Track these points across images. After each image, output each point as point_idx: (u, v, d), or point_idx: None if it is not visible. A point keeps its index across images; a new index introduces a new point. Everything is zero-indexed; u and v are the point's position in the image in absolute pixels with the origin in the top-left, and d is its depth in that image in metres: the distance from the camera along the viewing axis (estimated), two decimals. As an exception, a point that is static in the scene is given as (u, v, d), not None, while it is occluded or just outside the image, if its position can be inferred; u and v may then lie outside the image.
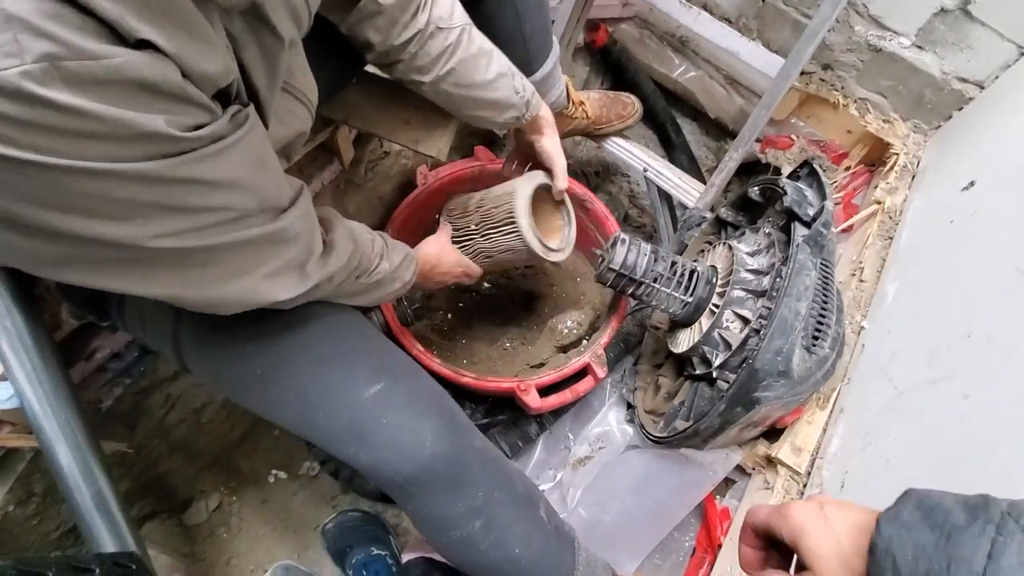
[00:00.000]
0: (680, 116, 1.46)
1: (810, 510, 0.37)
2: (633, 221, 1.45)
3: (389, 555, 0.96)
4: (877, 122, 1.21)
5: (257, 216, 0.43)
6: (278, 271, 0.47)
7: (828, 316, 0.77)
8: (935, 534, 0.31)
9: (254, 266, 0.45)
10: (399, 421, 0.56)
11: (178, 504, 1.05)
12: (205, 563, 1.01)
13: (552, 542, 0.66)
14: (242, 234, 0.42)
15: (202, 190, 0.37)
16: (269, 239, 0.45)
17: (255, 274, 0.46)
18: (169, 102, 0.33)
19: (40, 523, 0.80)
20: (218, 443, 1.08)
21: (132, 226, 0.36)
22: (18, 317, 0.65)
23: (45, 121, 0.29)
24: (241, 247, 0.43)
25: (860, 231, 1.14)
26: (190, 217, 0.38)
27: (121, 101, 0.31)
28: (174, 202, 0.37)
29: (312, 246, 0.51)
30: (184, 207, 0.37)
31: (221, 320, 0.56)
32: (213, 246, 0.41)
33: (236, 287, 0.45)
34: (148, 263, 0.40)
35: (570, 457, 1.02)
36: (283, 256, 0.47)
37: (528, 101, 0.78)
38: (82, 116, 0.30)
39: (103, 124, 0.31)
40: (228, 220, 0.41)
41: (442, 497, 0.59)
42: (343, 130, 0.85)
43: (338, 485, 1.06)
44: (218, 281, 0.44)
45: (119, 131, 0.31)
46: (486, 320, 1.14)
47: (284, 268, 0.48)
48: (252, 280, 0.46)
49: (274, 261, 0.47)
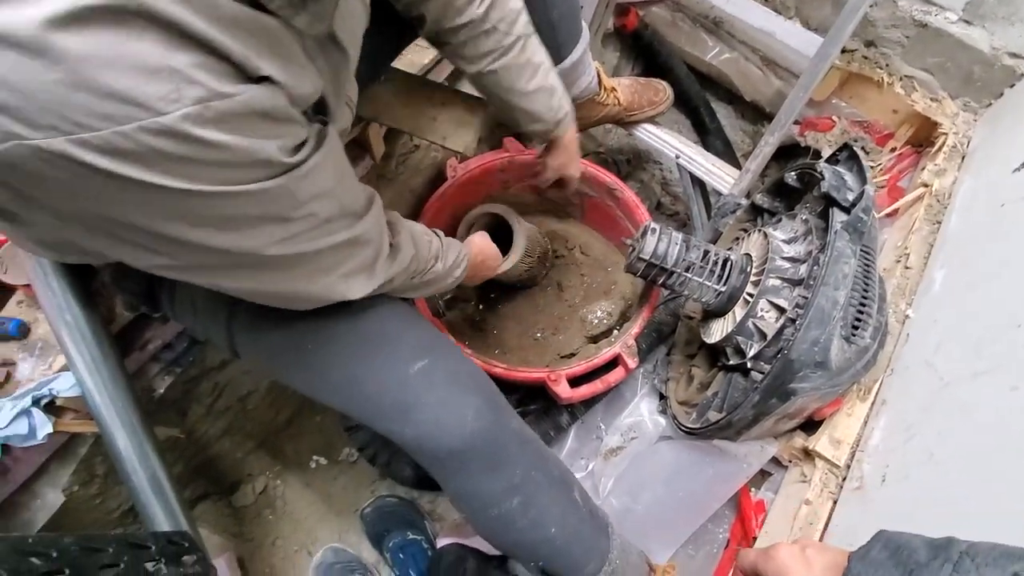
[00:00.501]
0: (715, 100, 1.42)
1: (793, 553, 0.42)
2: (666, 209, 1.42)
3: (424, 539, 0.99)
4: (924, 101, 1.15)
5: (339, 221, 0.47)
6: (352, 272, 0.52)
7: (869, 305, 0.75)
8: (899, 571, 0.35)
9: (333, 267, 0.50)
10: (442, 397, 0.58)
11: (227, 487, 1.11)
12: (253, 543, 1.07)
13: (587, 525, 0.66)
14: (328, 240, 0.47)
15: (298, 203, 0.42)
16: (349, 243, 0.49)
17: (333, 275, 0.51)
18: (280, 126, 0.38)
19: (102, 502, 0.85)
20: (263, 429, 1.13)
21: (244, 237, 0.41)
22: (77, 311, 0.70)
23: (194, 155, 0.34)
24: (325, 251, 0.48)
25: (906, 216, 1.09)
26: (287, 227, 0.43)
27: (248, 131, 0.36)
28: (277, 214, 0.42)
29: (381, 248, 0.56)
30: (285, 218, 0.42)
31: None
32: (303, 252, 0.46)
33: (317, 286, 0.51)
34: (253, 267, 0.45)
35: (602, 447, 1.03)
36: (358, 258, 0.52)
37: (559, 121, 0.81)
38: (219, 148, 0.35)
39: (233, 154, 0.35)
40: (316, 227, 0.45)
41: (481, 474, 0.60)
42: (374, 126, 0.87)
43: (376, 471, 1.10)
44: (302, 281, 0.49)
45: (244, 158, 0.36)
46: (517, 311, 1.15)
47: (357, 269, 0.53)
48: (330, 280, 0.51)
49: (350, 262, 0.52)
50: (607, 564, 0.66)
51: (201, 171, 0.35)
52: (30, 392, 0.67)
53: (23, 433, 0.66)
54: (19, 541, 0.39)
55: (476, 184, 1.08)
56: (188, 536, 0.59)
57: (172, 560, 0.53)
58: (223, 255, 0.42)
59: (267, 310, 0.60)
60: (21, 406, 0.66)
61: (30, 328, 0.73)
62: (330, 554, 0.99)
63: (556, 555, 0.64)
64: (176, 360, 0.85)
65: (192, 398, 0.95)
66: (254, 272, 0.46)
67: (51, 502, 0.75)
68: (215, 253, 0.42)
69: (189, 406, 0.95)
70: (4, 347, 0.71)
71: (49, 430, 0.68)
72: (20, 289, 0.73)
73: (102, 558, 0.44)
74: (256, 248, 0.42)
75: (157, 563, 0.50)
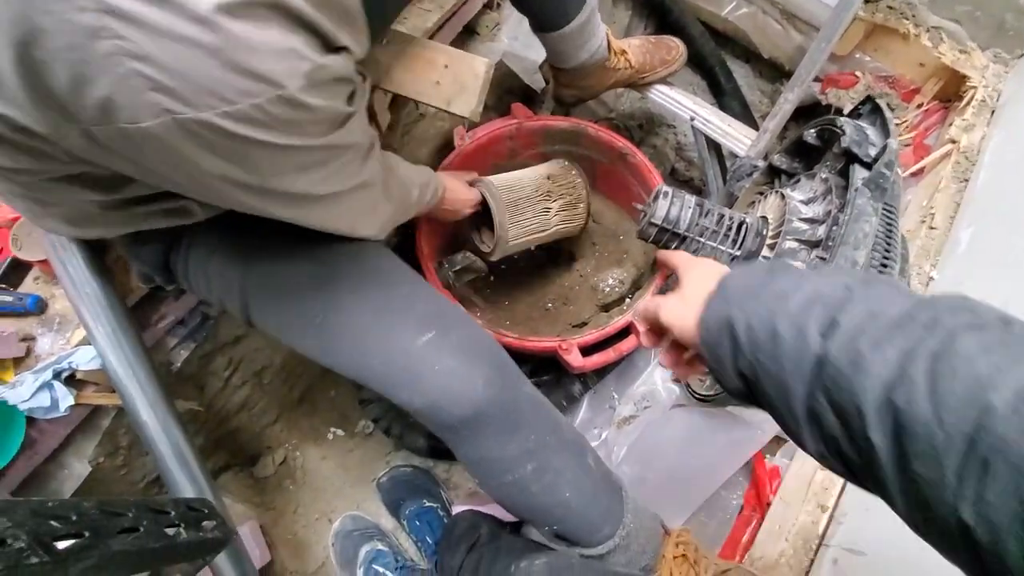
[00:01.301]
0: (731, 59, 1.37)
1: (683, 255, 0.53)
2: (680, 175, 1.39)
3: (440, 507, 1.01)
4: (952, 52, 1.09)
5: (359, 162, 0.51)
6: (362, 211, 0.58)
7: (890, 266, 0.72)
8: (767, 273, 0.40)
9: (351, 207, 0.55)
10: (451, 367, 0.58)
11: (248, 458, 1.14)
12: (275, 511, 1.10)
13: (601, 489, 0.67)
14: (352, 180, 0.52)
15: (344, 148, 0.47)
16: (362, 185, 0.53)
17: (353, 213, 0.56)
18: (349, 86, 0.44)
19: (128, 473, 0.88)
20: (280, 403, 1.15)
21: (306, 178, 0.46)
22: (95, 285, 0.71)
23: (298, 117, 0.40)
24: (347, 192, 0.52)
25: (932, 174, 1.04)
26: (327, 168, 0.48)
27: (330, 94, 0.41)
28: (324, 159, 0.46)
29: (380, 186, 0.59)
30: (325, 163, 0.47)
31: (284, 274, 0.61)
32: (340, 191, 0.51)
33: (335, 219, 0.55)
34: (303, 202, 0.50)
35: (615, 416, 1.02)
36: (367, 197, 0.56)
37: None
38: (314, 110, 0.40)
39: (321, 114, 0.41)
40: (347, 164, 0.49)
41: (494, 440, 0.61)
42: (378, 94, 0.85)
43: (391, 442, 1.11)
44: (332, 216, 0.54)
45: (326, 117, 0.42)
46: (528, 280, 1.14)
47: (366, 208, 0.58)
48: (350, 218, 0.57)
49: (363, 201, 0.56)
50: (621, 527, 0.66)
51: (298, 130, 0.41)
52: (50, 366, 0.69)
53: (46, 406, 0.68)
54: (39, 505, 0.40)
55: (484, 152, 1.06)
56: (207, 503, 0.60)
57: (192, 525, 0.54)
58: (280, 195, 0.47)
59: (277, 281, 0.61)
60: (42, 379, 0.68)
61: (47, 304, 0.74)
62: (349, 522, 1.02)
63: (570, 519, 0.65)
64: (190, 335, 0.86)
65: (208, 372, 0.96)
66: (300, 208, 0.50)
67: (78, 472, 0.77)
68: (276, 194, 0.46)
69: (206, 380, 0.97)
70: (23, 322, 0.72)
71: (71, 402, 0.70)
72: (36, 265, 0.74)
73: (122, 522, 0.45)
74: (307, 189, 0.47)
75: (177, 527, 0.51)
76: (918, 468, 0.27)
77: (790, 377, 0.34)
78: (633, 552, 0.67)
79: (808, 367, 0.33)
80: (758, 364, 0.37)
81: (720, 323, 0.40)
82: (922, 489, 0.27)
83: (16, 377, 0.68)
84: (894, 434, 0.29)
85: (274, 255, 0.61)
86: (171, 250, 0.66)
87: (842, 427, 0.32)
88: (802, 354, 0.34)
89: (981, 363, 0.27)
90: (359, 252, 0.63)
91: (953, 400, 0.27)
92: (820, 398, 0.33)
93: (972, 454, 0.25)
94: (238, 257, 0.62)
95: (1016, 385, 0.25)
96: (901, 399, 0.28)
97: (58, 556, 0.36)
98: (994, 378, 0.26)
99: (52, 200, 0.53)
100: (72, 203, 0.53)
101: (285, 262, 0.61)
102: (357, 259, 0.62)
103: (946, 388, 0.27)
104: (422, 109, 1.06)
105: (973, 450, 0.25)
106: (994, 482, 0.24)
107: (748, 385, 0.39)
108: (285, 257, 0.61)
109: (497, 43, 1.12)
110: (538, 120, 1.06)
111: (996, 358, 0.27)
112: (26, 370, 0.69)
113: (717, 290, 0.42)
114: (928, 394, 0.27)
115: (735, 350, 0.39)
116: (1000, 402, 0.25)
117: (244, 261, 0.62)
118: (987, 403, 0.25)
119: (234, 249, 0.62)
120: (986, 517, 0.25)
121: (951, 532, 0.26)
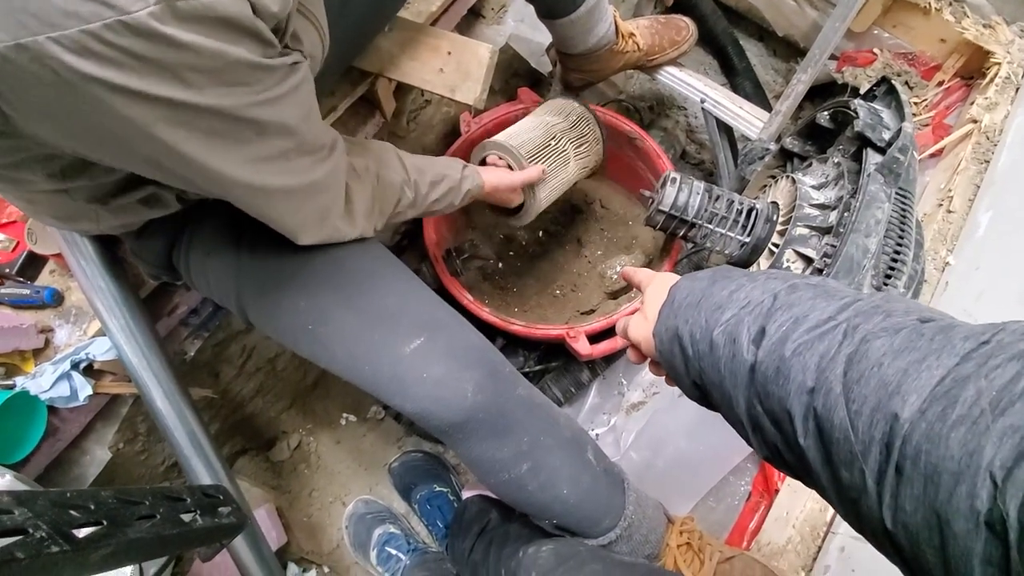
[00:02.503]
0: (744, 37, 1.33)
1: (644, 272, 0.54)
2: (691, 158, 1.36)
3: (450, 492, 1.02)
4: (976, 27, 1.05)
5: (299, 160, 0.47)
6: (307, 217, 0.53)
7: (904, 252, 0.71)
8: (709, 282, 0.41)
9: (292, 206, 0.51)
10: (439, 374, 0.58)
11: (263, 443, 1.16)
12: (290, 494, 1.12)
13: (601, 483, 0.67)
14: (288, 178, 0.47)
15: (262, 127, 0.42)
16: (309, 187, 0.49)
17: (293, 212, 0.52)
18: (245, 37, 0.37)
19: (147, 458, 0.91)
20: (293, 389, 1.17)
21: (210, 152, 0.41)
22: (108, 278, 0.72)
23: (164, 57, 0.34)
24: (283, 189, 0.48)
25: (951, 155, 1.01)
26: (248, 149, 0.43)
27: (214, 35, 0.35)
28: (240, 135, 0.41)
29: (337, 200, 0.55)
30: (247, 141, 0.42)
31: (274, 279, 0.60)
32: (267, 185, 0.46)
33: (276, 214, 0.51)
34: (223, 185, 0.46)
35: (624, 402, 1.03)
36: (313, 203, 0.52)
37: None
38: (188, 49, 0.34)
39: (202, 56, 0.35)
40: (277, 158, 0.45)
41: (488, 443, 0.61)
42: (383, 82, 0.85)
43: (402, 428, 1.13)
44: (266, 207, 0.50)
45: (213, 62, 0.36)
46: (536, 267, 1.13)
47: (312, 214, 0.53)
48: (289, 217, 0.52)
49: (308, 206, 0.52)
50: (623, 519, 0.67)
51: (171, 76, 0.35)
52: (68, 357, 0.70)
53: (65, 395, 0.70)
54: (58, 496, 0.41)
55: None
56: (223, 489, 0.62)
57: (207, 511, 0.56)
58: (192, 166, 0.42)
59: (268, 287, 0.61)
60: (61, 370, 0.69)
61: (64, 296, 0.76)
62: (362, 505, 1.04)
63: (569, 513, 0.65)
64: (203, 324, 0.87)
65: (222, 360, 0.98)
66: (225, 191, 0.47)
67: (99, 458, 0.80)
68: (186, 162, 0.41)
69: (220, 368, 0.99)
70: (41, 315, 0.74)
71: (89, 392, 0.71)
72: (51, 258, 0.76)
73: (139, 510, 0.47)
74: (221, 167, 0.42)
75: (193, 514, 0.52)
76: (843, 474, 0.27)
77: (731, 387, 0.35)
78: (636, 542, 0.68)
79: (744, 376, 0.34)
80: (704, 373, 0.38)
81: (670, 335, 0.41)
82: (850, 494, 0.27)
83: (36, 368, 0.70)
84: (820, 441, 0.29)
85: (265, 260, 0.61)
86: (172, 250, 0.66)
87: (778, 433, 0.32)
88: (738, 363, 0.34)
89: (889, 368, 0.26)
90: (351, 258, 0.62)
91: (866, 407, 0.26)
92: (756, 406, 0.33)
93: (887, 461, 0.25)
94: (232, 262, 0.62)
95: (921, 390, 0.25)
96: (820, 406, 0.29)
97: (78, 545, 0.37)
98: (901, 384, 0.26)
99: (34, 196, 0.53)
100: (49, 197, 0.53)
101: (275, 268, 0.61)
102: (348, 266, 0.61)
103: (859, 394, 0.27)
104: (427, 96, 1.06)
105: (888, 457, 0.25)
106: (909, 489, 0.24)
107: (703, 393, 0.40)
108: (275, 263, 0.60)
109: (503, 25, 1.10)
110: (545, 105, 1.04)
111: (903, 362, 0.26)
112: (45, 361, 0.71)
113: (666, 303, 0.43)
114: (845, 401, 0.27)
115: (685, 360, 0.39)
116: (907, 409, 0.25)
117: (237, 266, 0.61)
118: (894, 410, 0.25)
119: (228, 253, 0.62)
120: (904, 524, 0.24)
121: (880, 537, 0.27)
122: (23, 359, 0.72)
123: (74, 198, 0.53)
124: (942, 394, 0.24)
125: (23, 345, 0.70)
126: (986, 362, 0.24)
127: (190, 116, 0.38)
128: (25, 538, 0.34)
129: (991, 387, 0.23)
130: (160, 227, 0.63)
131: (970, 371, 0.24)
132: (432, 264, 0.96)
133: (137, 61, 0.33)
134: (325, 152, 0.50)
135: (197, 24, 0.34)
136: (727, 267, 0.43)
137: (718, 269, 0.42)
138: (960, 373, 0.24)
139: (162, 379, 0.74)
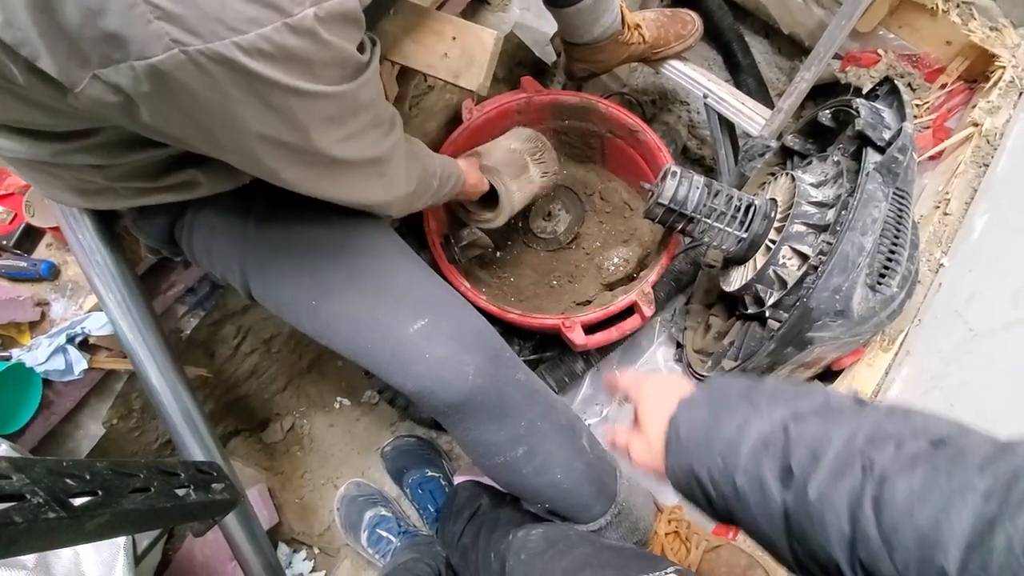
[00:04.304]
0: (749, 33, 1.33)
1: (648, 380, 0.50)
2: (691, 153, 1.36)
3: (442, 476, 1.03)
4: (982, 30, 1.05)
5: (376, 130, 0.50)
6: (374, 184, 0.56)
7: (899, 252, 0.71)
8: (709, 412, 0.40)
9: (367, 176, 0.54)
10: (442, 355, 0.58)
11: (257, 424, 1.17)
12: (283, 476, 1.13)
13: (593, 470, 0.68)
14: (370, 150, 0.50)
15: (359, 106, 0.46)
16: (378, 159, 0.53)
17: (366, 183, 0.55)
18: (356, 29, 0.42)
19: (141, 435, 0.91)
20: (288, 371, 1.17)
21: (325, 134, 0.45)
22: (106, 253, 0.72)
23: (307, 52, 0.38)
24: (365, 160, 0.51)
25: (950, 158, 1.02)
26: (345, 129, 0.46)
27: (340, 32, 0.40)
28: (340, 121, 0.45)
29: (400, 164, 0.58)
30: (342, 124, 0.46)
31: (280, 254, 0.61)
32: (356, 159, 0.50)
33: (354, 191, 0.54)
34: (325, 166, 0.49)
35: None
36: (385, 169, 0.55)
37: None
38: (328, 47, 0.39)
39: (329, 52, 0.39)
40: (365, 131, 0.48)
41: (485, 426, 0.62)
42: (386, 65, 0.84)
43: (395, 413, 1.14)
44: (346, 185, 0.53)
45: (338, 58, 0.40)
46: (533, 258, 1.14)
47: (378, 180, 0.56)
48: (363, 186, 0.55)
49: (382, 172, 0.55)
50: (613, 506, 0.68)
51: (308, 70, 0.39)
52: (64, 330, 0.70)
53: (61, 368, 0.70)
54: (55, 464, 0.42)
55: (492, 127, 1.04)
56: (216, 466, 0.62)
57: (201, 487, 0.56)
58: (295, 150, 0.45)
59: (274, 265, 0.61)
60: (57, 343, 0.69)
61: (60, 269, 0.76)
62: (353, 487, 1.05)
63: (561, 498, 0.66)
64: (199, 303, 0.87)
65: (218, 340, 0.98)
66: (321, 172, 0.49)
67: (93, 433, 0.80)
68: (291, 149, 0.45)
69: (216, 347, 0.99)
70: (37, 288, 0.74)
71: (84, 366, 0.72)
72: (49, 231, 0.76)
73: (134, 482, 0.47)
74: (328, 148, 0.46)
75: (187, 488, 0.53)
76: None
77: (768, 532, 0.36)
78: (625, 529, 0.69)
79: (779, 521, 0.35)
80: (734, 517, 0.38)
81: (686, 475, 0.41)
82: None
83: (32, 340, 0.70)
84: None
85: (271, 238, 0.61)
86: (175, 225, 0.66)
87: (826, 574, 0.33)
88: (770, 509, 0.35)
89: (920, 517, 0.28)
90: (357, 236, 0.62)
91: (911, 560, 0.28)
92: (797, 548, 0.34)
93: None
94: (237, 239, 0.62)
95: (958, 540, 0.27)
96: (864, 556, 0.30)
97: (73, 512, 0.38)
98: (938, 536, 0.27)
99: (58, 171, 0.53)
100: (77, 173, 0.53)
101: (282, 245, 0.61)
102: (354, 244, 0.62)
103: (899, 544, 0.29)
104: (430, 81, 1.05)
105: None
106: None
107: (733, 522, 0.40)
108: (282, 238, 0.61)
109: (508, 13, 1.10)
110: (548, 95, 1.04)
111: (931, 509, 0.28)
112: (41, 334, 0.71)
113: (671, 437, 0.42)
114: (887, 552, 0.29)
115: (708, 500, 0.40)
116: (951, 563, 0.26)
117: (242, 243, 0.62)
118: (940, 563, 0.27)
119: (234, 230, 0.62)
120: None
121: None
122: (19, 331, 0.72)
123: (104, 177, 0.53)
124: (977, 544, 0.26)
125: (19, 317, 0.70)
126: (1007, 498, 0.27)
127: (320, 104, 0.41)
128: (22, 503, 0.35)
129: (1017, 531, 0.25)
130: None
131: (993, 513, 0.27)
132: (431, 251, 0.96)
133: (288, 57, 0.37)
134: (387, 125, 0.53)
135: (331, 22, 0.38)
136: (720, 386, 0.42)
137: (712, 391, 0.42)
138: (985, 515, 0.27)
139: (157, 356, 0.74)
